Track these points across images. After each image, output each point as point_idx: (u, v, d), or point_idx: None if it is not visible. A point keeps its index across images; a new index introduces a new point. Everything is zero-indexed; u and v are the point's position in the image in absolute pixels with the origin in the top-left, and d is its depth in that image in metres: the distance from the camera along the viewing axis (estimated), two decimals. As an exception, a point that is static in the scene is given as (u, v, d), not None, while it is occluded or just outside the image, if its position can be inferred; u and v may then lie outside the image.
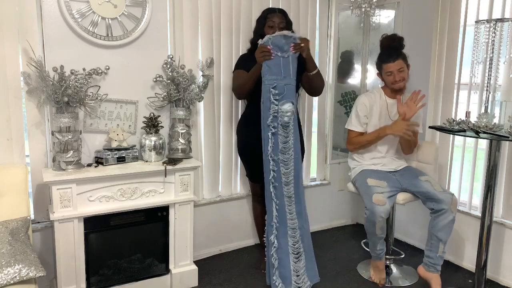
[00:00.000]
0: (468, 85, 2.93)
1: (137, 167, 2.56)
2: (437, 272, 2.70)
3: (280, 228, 2.56)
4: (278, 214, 2.54)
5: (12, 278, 1.81)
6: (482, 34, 2.43)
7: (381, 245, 2.75)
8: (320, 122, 3.60)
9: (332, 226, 3.74)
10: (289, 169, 2.52)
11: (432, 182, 2.70)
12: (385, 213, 2.58)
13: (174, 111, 2.75)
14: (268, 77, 2.46)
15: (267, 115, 2.48)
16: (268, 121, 2.48)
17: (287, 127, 2.49)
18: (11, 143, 2.43)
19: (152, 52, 2.74)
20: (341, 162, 3.75)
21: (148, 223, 2.62)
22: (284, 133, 2.49)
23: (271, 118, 2.47)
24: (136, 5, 2.64)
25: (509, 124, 2.34)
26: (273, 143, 2.49)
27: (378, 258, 2.81)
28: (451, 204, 2.60)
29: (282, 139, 2.50)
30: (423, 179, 2.72)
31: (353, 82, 3.77)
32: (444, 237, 2.63)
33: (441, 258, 2.69)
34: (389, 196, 2.66)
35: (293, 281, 2.56)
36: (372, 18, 3.58)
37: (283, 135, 2.49)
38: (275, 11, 2.75)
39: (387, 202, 2.61)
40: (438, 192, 2.62)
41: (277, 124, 2.48)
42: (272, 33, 2.56)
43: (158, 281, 2.68)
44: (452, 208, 2.60)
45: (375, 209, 2.58)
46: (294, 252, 2.57)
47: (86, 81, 2.45)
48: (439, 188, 2.65)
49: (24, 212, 2.18)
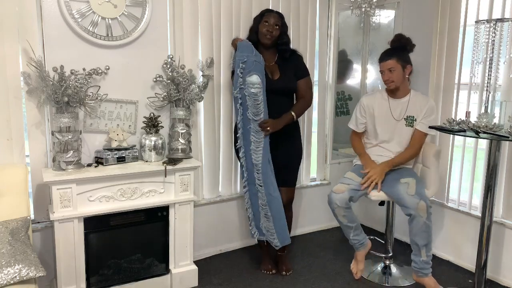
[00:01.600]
0: (468, 85, 2.93)
1: (137, 167, 2.56)
2: (425, 276, 2.68)
3: (250, 188, 2.80)
4: (247, 177, 2.79)
5: (12, 278, 1.81)
6: (482, 34, 2.43)
7: (355, 236, 2.81)
8: (320, 122, 3.60)
9: (332, 226, 3.74)
10: (259, 140, 2.69)
11: (410, 184, 2.64)
12: (339, 201, 2.67)
13: (174, 111, 2.75)
14: (239, 54, 2.65)
15: (236, 87, 2.68)
16: (235, 93, 2.69)
17: (256, 99, 2.64)
18: (11, 143, 2.43)
19: (152, 52, 2.74)
20: (341, 162, 3.75)
21: (148, 223, 2.62)
22: (254, 103, 2.64)
23: (237, 90, 2.67)
24: (136, 5, 2.64)
25: (509, 124, 2.33)
26: (241, 114, 2.69)
27: (355, 248, 2.89)
28: (417, 209, 2.55)
29: (252, 110, 2.65)
30: (403, 181, 2.68)
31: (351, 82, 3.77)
32: (420, 242, 2.61)
33: (426, 263, 2.66)
34: (356, 189, 2.72)
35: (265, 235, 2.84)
36: (372, 18, 3.57)
37: (254, 104, 2.64)
38: (272, 11, 2.79)
39: (347, 192, 2.69)
40: (407, 196, 2.59)
41: (244, 96, 2.64)
42: (266, 31, 2.71)
43: (158, 281, 2.68)
44: (420, 213, 2.55)
45: (331, 196, 2.73)
46: (263, 212, 2.79)
47: (86, 81, 2.45)
48: (412, 192, 2.60)
49: (24, 212, 2.18)
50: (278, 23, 2.74)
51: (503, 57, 2.50)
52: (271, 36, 2.73)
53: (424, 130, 2.74)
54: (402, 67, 2.72)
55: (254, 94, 2.62)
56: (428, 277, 2.69)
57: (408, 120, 2.78)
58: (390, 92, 2.83)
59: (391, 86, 2.75)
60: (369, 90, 3.75)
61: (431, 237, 2.64)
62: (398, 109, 2.81)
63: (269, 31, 2.72)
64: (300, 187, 3.50)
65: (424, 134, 2.76)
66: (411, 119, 2.77)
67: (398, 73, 2.71)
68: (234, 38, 2.91)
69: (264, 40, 2.75)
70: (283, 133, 2.77)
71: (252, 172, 2.75)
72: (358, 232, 2.82)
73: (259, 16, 2.79)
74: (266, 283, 2.85)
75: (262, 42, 2.76)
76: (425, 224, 2.57)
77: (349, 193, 2.69)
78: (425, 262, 2.66)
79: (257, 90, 2.63)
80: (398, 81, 2.73)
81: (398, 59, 2.71)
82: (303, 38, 3.30)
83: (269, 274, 2.95)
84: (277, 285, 2.83)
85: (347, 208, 2.70)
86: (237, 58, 2.66)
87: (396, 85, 2.74)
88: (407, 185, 2.64)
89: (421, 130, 2.74)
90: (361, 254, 2.91)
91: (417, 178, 2.75)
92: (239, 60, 2.64)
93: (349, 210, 2.72)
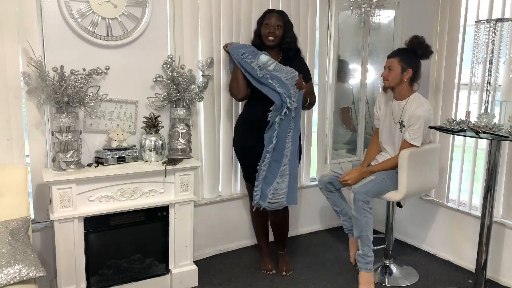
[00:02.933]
0: (468, 85, 2.93)
1: (137, 167, 2.56)
2: (360, 270, 2.71)
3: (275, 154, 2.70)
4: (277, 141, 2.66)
5: (12, 278, 1.81)
6: (482, 34, 2.43)
7: (343, 221, 2.96)
8: (320, 122, 3.60)
9: (332, 226, 3.74)
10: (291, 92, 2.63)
11: (367, 180, 2.72)
12: (321, 183, 2.95)
13: (174, 111, 2.75)
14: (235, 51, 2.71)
15: (255, 73, 2.64)
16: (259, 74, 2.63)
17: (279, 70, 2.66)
18: (11, 143, 2.43)
19: (152, 52, 2.74)
20: (341, 162, 3.75)
21: (148, 223, 2.62)
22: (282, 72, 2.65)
23: (258, 71, 2.63)
24: (136, 5, 2.64)
25: (509, 124, 2.33)
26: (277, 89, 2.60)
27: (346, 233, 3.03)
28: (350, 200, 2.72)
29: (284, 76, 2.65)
30: (367, 177, 2.75)
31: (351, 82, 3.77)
32: (355, 233, 2.72)
33: (360, 256, 2.69)
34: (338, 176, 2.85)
35: (267, 198, 2.73)
36: (372, 18, 3.57)
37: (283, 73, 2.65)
38: (272, 11, 2.77)
39: (328, 177, 2.91)
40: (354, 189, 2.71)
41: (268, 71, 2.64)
42: (268, 32, 2.71)
43: (158, 281, 2.68)
44: (351, 204, 2.72)
45: (319, 179, 3.05)
46: (281, 173, 2.73)
47: (86, 81, 2.45)
48: (359, 185, 2.70)
49: (24, 212, 2.18)
50: (280, 23, 2.72)
51: (503, 57, 2.50)
52: (273, 37, 2.72)
53: (407, 138, 2.66)
54: (402, 69, 2.67)
55: (272, 70, 2.65)
56: (362, 272, 2.71)
57: (402, 125, 2.74)
58: (394, 93, 2.80)
59: (385, 84, 2.76)
60: (369, 90, 3.75)
61: (364, 231, 2.65)
62: (397, 112, 2.79)
63: (270, 32, 2.71)
64: (300, 187, 3.50)
65: (407, 143, 2.66)
66: (402, 124, 2.73)
67: (395, 74, 2.68)
68: (224, 45, 2.85)
69: (266, 42, 2.74)
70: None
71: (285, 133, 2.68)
72: (346, 218, 2.94)
73: (261, 19, 2.78)
74: (266, 283, 2.85)
75: (265, 44, 2.75)
76: (353, 215, 2.68)
77: (329, 178, 2.91)
78: (359, 255, 2.70)
79: (273, 66, 2.66)
80: (393, 82, 2.70)
81: (400, 60, 2.67)
82: (303, 38, 3.29)
83: (269, 274, 2.95)
84: (277, 285, 2.83)
85: (329, 191, 2.92)
86: (234, 55, 2.71)
87: (390, 85, 2.72)
88: (364, 180, 2.74)
89: (405, 138, 2.68)
90: (351, 241, 3.05)
91: (382, 177, 2.71)
92: (237, 54, 2.69)
93: (331, 194, 2.92)
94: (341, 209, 2.93)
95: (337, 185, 2.87)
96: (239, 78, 2.73)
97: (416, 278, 2.91)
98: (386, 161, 2.79)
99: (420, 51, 2.70)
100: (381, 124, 2.87)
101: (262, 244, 3.02)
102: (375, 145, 2.95)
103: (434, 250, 3.27)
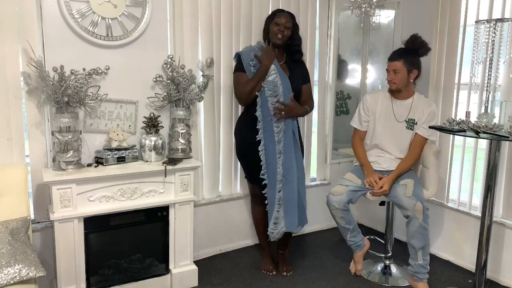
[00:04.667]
0: (468, 85, 2.93)
1: (137, 167, 2.56)
2: (420, 281, 2.68)
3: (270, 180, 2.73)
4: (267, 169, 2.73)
5: (12, 278, 1.81)
6: (482, 34, 2.43)
7: (352, 237, 2.82)
8: (320, 122, 3.60)
9: (332, 226, 3.73)
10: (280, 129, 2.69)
11: (408, 186, 2.65)
12: (337, 203, 2.69)
13: (174, 111, 2.75)
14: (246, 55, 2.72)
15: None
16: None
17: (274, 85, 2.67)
18: (11, 143, 2.43)
19: (152, 52, 2.74)
20: (341, 162, 3.75)
21: (148, 223, 2.62)
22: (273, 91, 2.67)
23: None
24: (136, 5, 2.64)
25: (509, 124, 2.33)
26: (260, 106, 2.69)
27: (352, 249, 2.89)
28: (414, 210, 2.56)
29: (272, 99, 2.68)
30: (402, 183, 2.68)
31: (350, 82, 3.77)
32: (417, 244, 2.61)
33: (422, 267, 2.65)
34: (355, 191, 2.73)
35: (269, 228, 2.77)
36: (372, 18, 3.58)
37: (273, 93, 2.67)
38: (283, 11, 2.77)
39: (346, 195, 2.70)
40: (404, 198, 2.60)
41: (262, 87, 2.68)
42: (277, 30, 2.69)
43: (158, 281, 2.68)
44: (416, 215, 2.56)
45: (329, 198, 2.75)
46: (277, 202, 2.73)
47: (86, 81, 2.45)
48: (410, 193, 2.60)
49: (24, 212, 2.18)
50: (289, 24, 2.72)
51: (503, 57, 2.50)
52: (282, 36, 2.70)
53: (425, 135, 2.72)
54: (408, 71, 2.69)
55: (270, 82, 2.65)
56: (422, 283, 2.67)
57: (409, 123, 2.76)
58: (393, 93, 2.81)
59: (392, 87, 2.75)
60: (369, 90, 3.75)
61: (428, 240, 2.63)
62: (401, 111, 2.79)
63: (280, 30, 2.69)
64: (300, 187, 3.50)
65: (424, 139, 2.74)
66: (412, 122, 2.75)
67: (402, 76, 2.69)
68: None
69: (275, 40, 2.72)
70: None
71: (274, 164, 2.69)
72: (355, 233, 2.82)
73: (271, 16, 2.77)
74: (266, 283, 2.85)
75: (273, 42, 2.74)
76: (421, 226, 2.57)
77: (347, 195, 2.71)
78: (421, 266, 2.65)
79: (273, 77, 2.66)
80: (400, 84, 2.71)
81: (405, 62, 2.67)
82: (303, 38, 3.27)
83: (270, 274, 2.95)
84: (277, 285, 2.83)
85: (345, 210, 2.72)
86: (244, 59, 2.71)
87: (398, 87, 2.73)
88: (405, 186, 2.65)
89: (422, 134, 2.72)
90: (358, 255, 2.91)
91: (416, 179, 2.75)
92: (247, 59, 2.70)
93: (346, 212, 2.73)
94: (354, 225, 2.80)
95: (354, 200, 2.76)
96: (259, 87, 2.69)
97: (416, 278, 2.91)
98: (407, 161, 2.75)
99: (421, 51, 2.73)
100: (377, 125, 2.84)
101: (264, 245, 3.02)
102: (363, 148, 2.90)
103: (434, 250, 3.27)
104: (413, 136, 2.76)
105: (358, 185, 2.76)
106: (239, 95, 2.76)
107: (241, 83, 2.71)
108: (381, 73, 3.65)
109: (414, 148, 2.75)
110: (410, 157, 2.76)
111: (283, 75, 2.71)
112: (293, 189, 2.72)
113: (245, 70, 2.70)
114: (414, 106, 2.75)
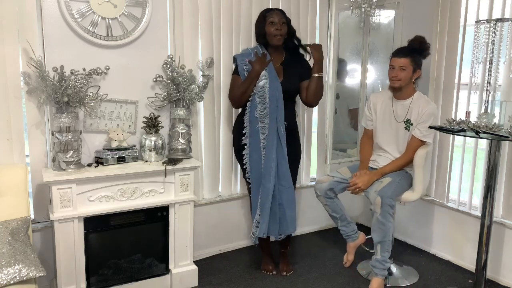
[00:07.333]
0: (468, 85, 2.93)
1: (137, 167, 2.56)
2: (376, 276, 2.69)
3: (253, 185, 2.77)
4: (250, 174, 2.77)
5: (12, 278, 1.81)
6: (482, 34, 2.43)
7: (342, 226, 2.93)
8: (320, 122, 3.59)
9: (332, 226, 3.73)
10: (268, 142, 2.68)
11: (383, 182, 2.66)
12: (319, 190, 2.84)
13: (174, 111, 2.75)
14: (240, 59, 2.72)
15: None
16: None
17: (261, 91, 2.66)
18: (11, 143, 2.43)
19: (152, 52, 2.74)
20: (341, 162, 3.75)
21: (148, 223, 2.62)
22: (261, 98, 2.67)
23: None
24: (136, 5, 2.64)
25: (509, 124, 2.33)
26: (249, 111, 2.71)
27: (345, 238, 2.99)
28: (374, 204, 2.60)
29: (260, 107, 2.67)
30: (381, 179, 2.72)
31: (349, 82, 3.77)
32: (375, 238, 2.66)
33: (379, 262, 2.67)
34: (339, 182, 2.82)
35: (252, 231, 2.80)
36: (372, 18, 3.58)
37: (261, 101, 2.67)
38: (273, 10, 2.74)
39: (328, 183, 2.82)
40: (371, 192, 2.65)
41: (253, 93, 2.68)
42: (275, 30, 2.65)
43: (158, 281, 2.68)
44: (376, 208, 2.59)
45: (314, 185, 2.92)
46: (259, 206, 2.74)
47: (86, 81, 2.45)
48: (378, 189, 2.63)
49: (24, 212, 2.18)
50: (284, 20, 2.69)
51: (503, 57, 2.50)
52: (281, 35, 2.67)
53: (418, 136, 2.69)
54: (413, 70, 2.71)
55: (260, 87, 2.65)
56: (377, 278, 2.69)
57: (407, 124, 2.76)
58: (394, 92, 2.81)
59: (395, 84, 2.73)
60: (369, 90, 3.75)
61: (387, 237, 2.65)
62: (400, 111, 2.79)
63: (278, 29, 2.64)
64: (300, 187, 3.50)
65: (418, 140, 2.70)
66: (409, 123, 2.75)
67: (407, 74, 2.70)
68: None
69: (274, 41, 2.68)
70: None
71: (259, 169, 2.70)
72: (344, 223, 2.91)
73: (262, 17, 2.71)
74: (266, 283, 2.85)
75: (272, 43, 2.70)
76: (378, 220, 2.61)
77: (329, 184, 2.82)
78: (378, 261, 2.68)
79: (263, 83, 2.64)
80: (404, 82, 2.71)
81: (412, 61, 2.69)
82: (303, 39, 3.29)
83: (270, 274, 2.95)
84: (277, 285, 2.83)
85: (328, 198, 2.83)
86: (239, 63, 2.72)
87: (401, 85, 2.72)
88: (381, 183, 2.68)
89: (415, 135, 2.71)
90: (350, 246, 3.01)
91: (397, 178, 2.72)
92: (242, 64, 2.70)
93: (330, 200, 2.84)
94: (341, 214, 2.89)
95: (337, 190, 2.82)
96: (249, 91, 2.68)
97: (416, 278, 2.91)
98: (397, 161, 2.77)
99: (425, 53, 2.77)
100: (378, 125, 2.86)
101: (264, 244, 3.02)
102: (368, 146, 2.95)
103: (434, 250, 3.27)
104: (409, 137, 2.76)
105: (345, 178, 2.83)
106: (230, 98, 2.80)
107: (234, 87, 2.74)
108: (381, 73, 3.65)
109: (408, 149, 2.75)
110: (401, 158, 2.78)
111: (274, 80, 2.67)
112: (267, 195, 2.68)
113: (240, 74, 2.71)
114: (413, 106, 2.75)
